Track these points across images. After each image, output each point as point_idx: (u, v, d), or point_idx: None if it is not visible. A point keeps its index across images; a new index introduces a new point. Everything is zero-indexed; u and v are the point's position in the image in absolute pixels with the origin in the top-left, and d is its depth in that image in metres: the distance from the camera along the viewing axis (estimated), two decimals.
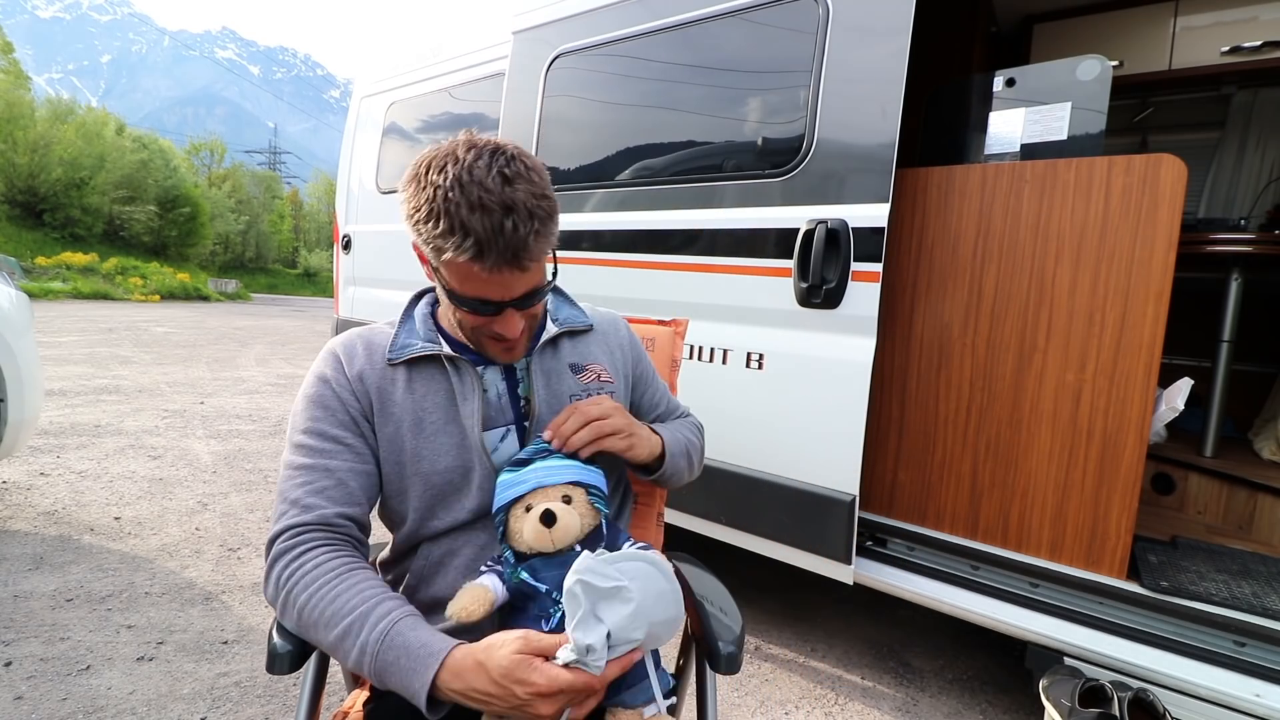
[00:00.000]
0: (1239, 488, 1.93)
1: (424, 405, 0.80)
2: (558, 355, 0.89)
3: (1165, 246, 1.35)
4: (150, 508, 2.71)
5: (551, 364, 0.88)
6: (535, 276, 0.74)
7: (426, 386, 0.81)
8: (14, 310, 2.27)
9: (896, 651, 1.97)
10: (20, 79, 24.46)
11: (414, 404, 0.80)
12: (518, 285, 0.72)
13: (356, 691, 0.89)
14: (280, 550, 0.71)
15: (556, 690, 0.59)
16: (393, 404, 0.80)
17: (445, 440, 0.79)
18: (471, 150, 0.69)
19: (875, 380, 1.60)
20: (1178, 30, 2.48)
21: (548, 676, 0.60)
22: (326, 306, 23.18)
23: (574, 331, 0.92)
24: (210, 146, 44.65)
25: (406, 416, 0.79)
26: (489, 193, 0.66)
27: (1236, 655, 1.29)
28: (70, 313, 11.56)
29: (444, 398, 0.80)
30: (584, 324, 0.93)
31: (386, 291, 3.05)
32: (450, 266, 0.71)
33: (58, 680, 1.56)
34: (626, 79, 2.04)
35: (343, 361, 0.81)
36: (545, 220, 0.70)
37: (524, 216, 0.67)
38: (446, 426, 0.80)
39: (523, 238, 0.68)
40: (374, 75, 3.26)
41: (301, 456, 0.76)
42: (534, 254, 0.70)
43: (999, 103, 1.74)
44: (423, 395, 0.80)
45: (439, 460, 0.79)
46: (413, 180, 0.71)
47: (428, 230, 0.69)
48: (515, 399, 0.85)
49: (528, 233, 0.68)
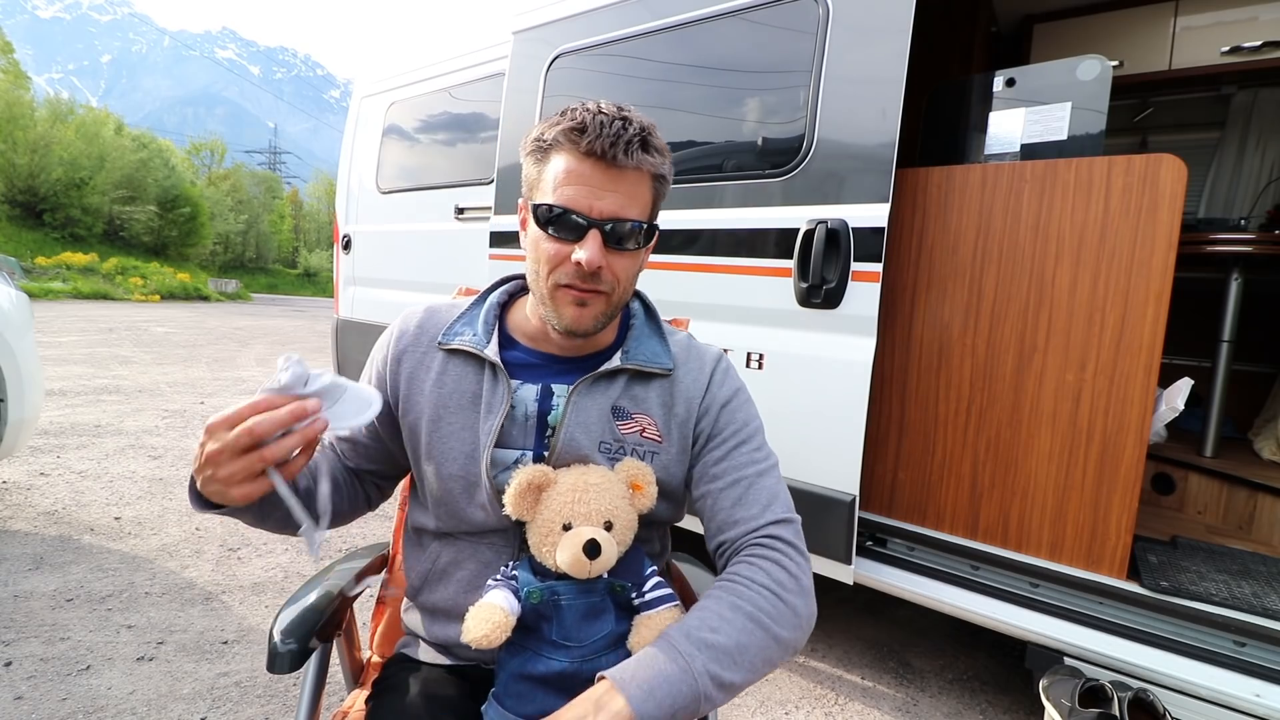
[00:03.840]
0: (1239, 488, 1.93)
1: (448, 403, 0.78)
2: (607, 392, 0.77)
3: (1165, 246, 1.35)
4: (150, 508, 2.71)
5: (594, 400, 0.76)
6: (630, 199, 0.70)
7: (456, 384, 0.78)
8: (14, 310, 2.27)
9: (896, 651, 1.97)
10: (20, 79, 24.45)
11: (439, 397, 0.78)
12: (610, 197, 0.69)
13: (356, 691, 0.89)
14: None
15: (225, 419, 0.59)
16: (420, 394, 0.79)
17: (457, 445, 0.77)
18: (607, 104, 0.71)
19: (875, 380, 1.60)
20: (1178, 30, 2.48)
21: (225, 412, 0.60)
22: (326, 306, 23.16)
23: (642, 373, 0.78)
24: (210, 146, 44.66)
25: (428, 409, 0.78)
26: (614, 110, 0.69)
27: (1236, 655, 1.29)
28: (70, 313, 11.56)
29: (469, 400, 0.77)
30: (659, 367, 0.78)
31: (387, 291, 3.05)
32: (548, 170, 0.71)
33: (58, 680, 1.56)
34: (627, 79, 2.04)
35: (392, 339, 0.82)
36: (658, 150, 0.71)
37: (637, 126, 0.69)
38: (462, 432, 0.77)
39: (629, 135, 0.68)
40: (374, 75, 3.26)
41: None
42: (634, 156, 0.68)
43: (999, 103, 1.74)
44: (449, 393, 0.78)
45: (446, 464, 0.77)
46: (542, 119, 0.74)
47: (543, 127, 0.71)
48: (543, 426, 0.77)
49: (634, 135, 0.68)
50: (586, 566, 0.67)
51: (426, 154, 2.96)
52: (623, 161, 0.68)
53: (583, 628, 0.69)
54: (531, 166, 0.73)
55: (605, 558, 0.68)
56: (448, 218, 2.67)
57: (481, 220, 2.49)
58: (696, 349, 0.83)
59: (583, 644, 0.69)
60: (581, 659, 0.69)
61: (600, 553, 0.67)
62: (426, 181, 2.90)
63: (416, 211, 2.90)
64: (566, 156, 0.69)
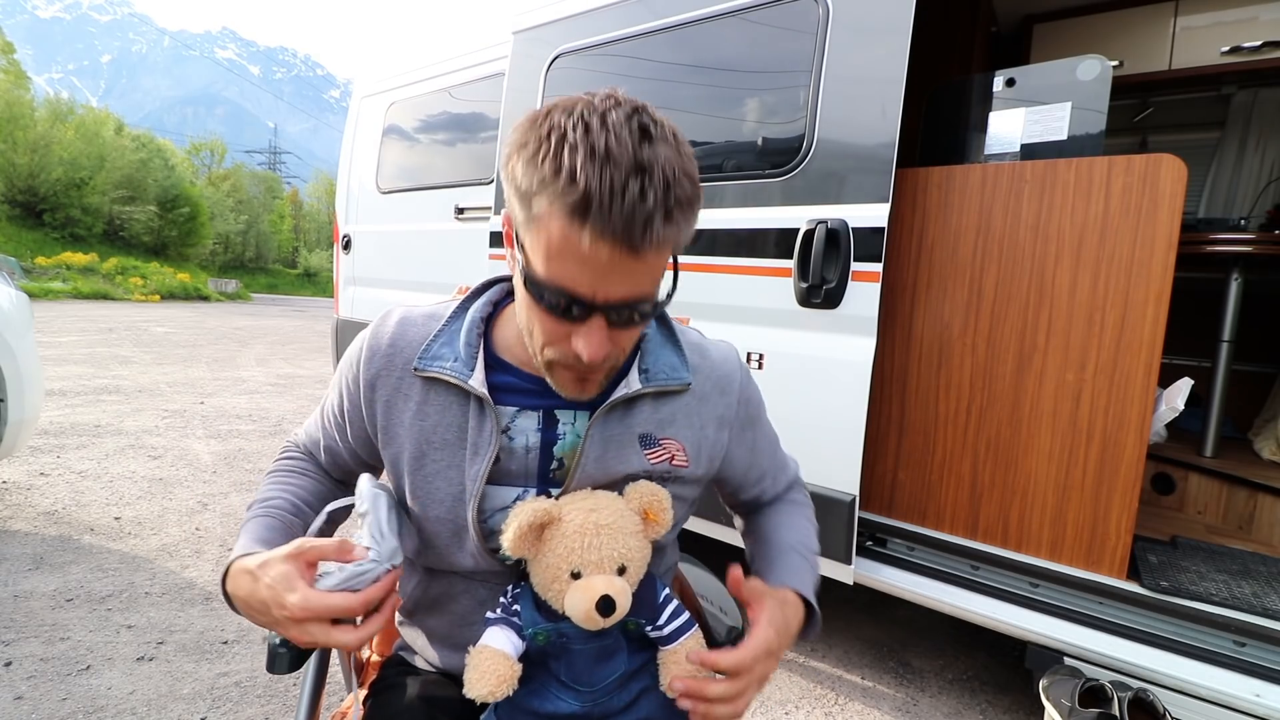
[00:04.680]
0: (1239, 488, 1.93)
1: (430, 439, 0.68)
2: (628, 419, 0.68)
3: (1165, 246, 1.35)
4: (150, 508, 2.71)
5: (617, 429, 0.68)
6: (645, 278, 0.55)
7: (440, 417, 0.68)
8: (14, 310, 2.27)
9: (896, 651, 1.97)
10: (20, 79, 24.46)
11: (420, 433, 0.68)
12: (620, 282, 0.54)
13: (356, 691, 0.89)
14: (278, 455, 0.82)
15: (308, 615, 0.55)
16: (400, 425, 0.69)
17: (443, 487, 0.68)
18: (612, 99, 0.55)
19: (875, 380, 1.60)
20: (1178, 30, 2.48)
21: (303, 598, 0.55)
22: (326, 306, 23.16)
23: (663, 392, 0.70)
24: (210, 146, 44.66)
25: (408, 445, 0.68)
26: (620, 144, 0.50)
27: (1236, 655, 1.29)
28: (70, 313, 11.56)
29: (454, 435, 0.67)
30: (679, 383, 0.70)
31: (386, 291, 3.05)
32: (542, 228, 0.53)
33: (58, 680, 1.56)
34: (627, 79, 2.04)
35: (362, 360, 0.70)
36: (684, 205, 0.53)
37: (658, 184, 0.50)
38: (447, 472, 0.67)
39: (649, 210, 0.50)
40: (374, 75, 3.26)
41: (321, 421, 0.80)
42: (656, 237, 0.51)
43: (999, 103, 1.74)
44: (432, 427, 0.68)
45: (430, 506, 0.68)
46: (529, 119, 0.55)
47: (528, 172, 0.52)
48: (547, 457, 0.68)
49: (655, 205, 0.50)
50: (599, 623, 0.61)
51: (426, 154, 2.96)
52: (641, 246, 0.51)
53: (594, 670, 0.65)
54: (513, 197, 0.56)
55: (620, 610, 0.61)
56: (447, 218, 2.67)
57: (481, 220, 2.49)
58: (710, 353, 0.76)
59: (594, 687, 0.65)
60: (593, 702, 0.65)
61: (615, 609, 0.60)
62: (426, 181, 2.90)
63: (416, 211, 2.90)
64: (562, 224, 0.51)
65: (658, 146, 0.52)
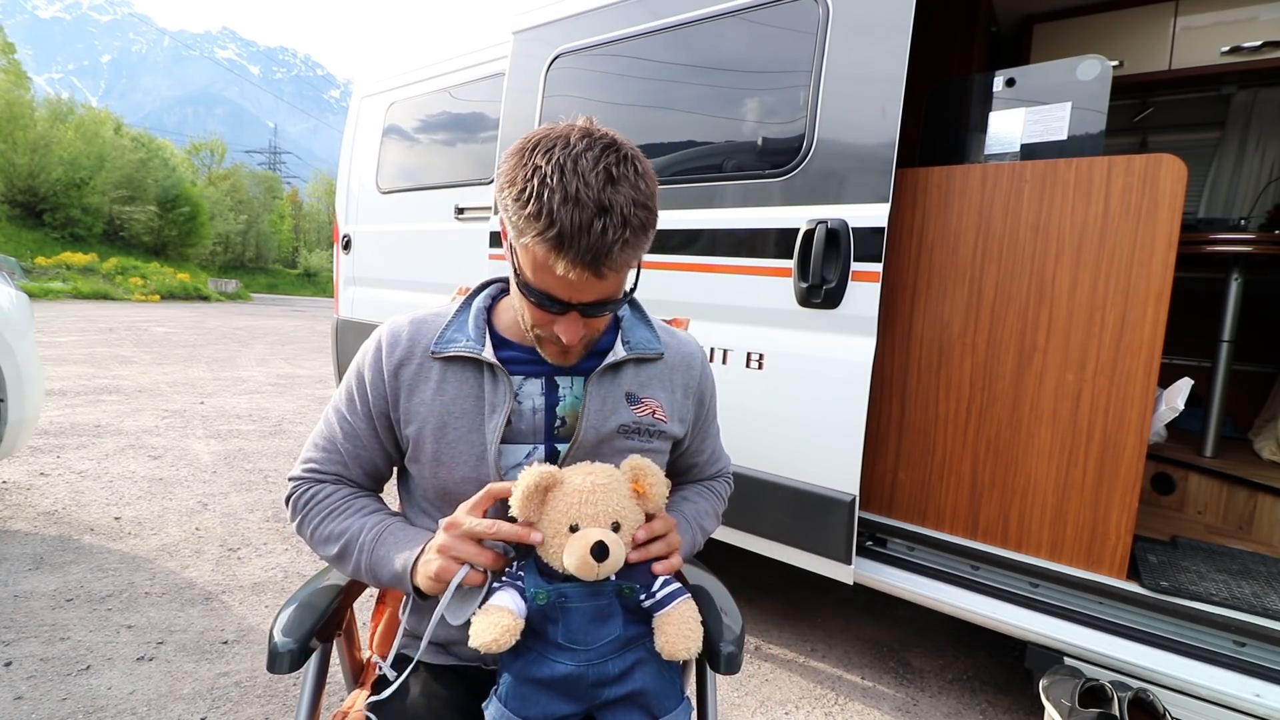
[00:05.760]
0: (1239, 488, 1.93)
1: (451, 409, 0.79)
2: (617, 380, 0.84)
3: (1165, 246, 1.35)
4: (150, 508, 2.71)
5: (609, 388, 0.83)
6: (611, 286, 0.70)
7: (458, 389, 0.79)
8: (14, 310, 2.27)
9: (896, 651, 1.97)
10: (20, 79, 24.43)
11: (442, 406, 0.79)
12: (590, 291, 0.69)
13: (356, 691, 0.89)
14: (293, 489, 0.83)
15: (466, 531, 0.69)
16: (421, 403, 0.79)
17: (466, 450, 0.78)
18: (585, 139, 0.66)
19: (875, 380, 1.60)
20: (1178, 30, 2.48)
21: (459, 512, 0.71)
22: (326, 306, 23.17)
23: (642, 359, 0.86)
24: (210, 146, 44.62)
25: (431, 418, 0.79)
26: (588, 187, 0.63)
27: (1236, 655, 1.29)
28: (70, 313, 11.56)
29: (472, 404, 0.79)
30: (654, 352, 0.87)
31: (386, 291, 3.05)
32: (528, 251, 0.68)
33: (58, 680, 1.56)
34: (627, 79, 2.04)
35: (384, 351, 0.81)
36: (638, 231, 0.67)
37: (616, 222, 0.64)
38: (469, 435, 0.78)
39: (608, 243, 0.64)
40: (374, 75, 3.26)
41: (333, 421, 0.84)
42: (615, 263, 0.66)
43: (999, 103, 1.74)
44: (452, 398, 0.79)
45: (456, 469, 0.78)
46: (517, 154, 0.67)
47: (515, 209, 0.66)
48: (551, 416, 0.81)
49: (615, 240, 0.64)
50: (594, 569, 0.67)
51: (426, 154, 2.96)
52: (603, 270, 0.66)
53: (590, 631, 0.69)
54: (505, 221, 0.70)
55: (613, 559, 0.67)
56: (447, 218, 2.67)
57: (481, 220, 2.49)
58: (676, 335, 0.93)
59: (589, 647, 0.69)
60: (588, 663, 0.69)
61: (608, 555, 0.67)
62: (426, 181, 2.90)
63: (416, 211, 2.90)
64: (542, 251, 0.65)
65: (620, 187, 0.65)
